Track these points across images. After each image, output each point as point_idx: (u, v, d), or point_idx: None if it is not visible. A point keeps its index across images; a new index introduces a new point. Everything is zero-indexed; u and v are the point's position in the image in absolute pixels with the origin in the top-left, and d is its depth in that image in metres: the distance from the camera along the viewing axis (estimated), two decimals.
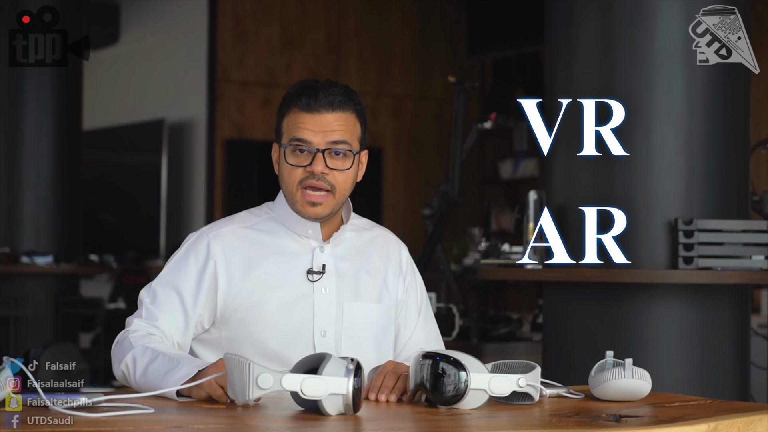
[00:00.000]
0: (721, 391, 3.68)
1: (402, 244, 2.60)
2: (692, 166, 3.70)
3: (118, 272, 7.85)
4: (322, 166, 2.37)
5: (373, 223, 2.60)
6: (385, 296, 2.50)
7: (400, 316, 2.54)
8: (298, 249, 2.45)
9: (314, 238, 2.45)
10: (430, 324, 2.58)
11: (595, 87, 3.77)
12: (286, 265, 2.43)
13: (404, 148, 8.87)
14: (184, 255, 2.44)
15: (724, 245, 3.67)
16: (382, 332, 2.48)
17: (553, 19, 3.94)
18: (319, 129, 2.37)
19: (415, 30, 8.88)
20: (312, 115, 2.38)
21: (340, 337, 2.42)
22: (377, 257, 2.52)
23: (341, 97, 2.39)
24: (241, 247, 2.43)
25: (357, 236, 2.52)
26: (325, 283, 2.43)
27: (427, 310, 2.59)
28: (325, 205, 2.40)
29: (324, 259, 2.45)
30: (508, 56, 8.49)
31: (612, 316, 3.73)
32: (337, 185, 2.39)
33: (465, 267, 6.20)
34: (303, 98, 2.39)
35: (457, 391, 2.02)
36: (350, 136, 2.40)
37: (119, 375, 2.32)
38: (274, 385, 1.93)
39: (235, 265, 2.41)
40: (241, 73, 8.26)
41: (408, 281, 2.56)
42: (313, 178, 2.37)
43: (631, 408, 2.09)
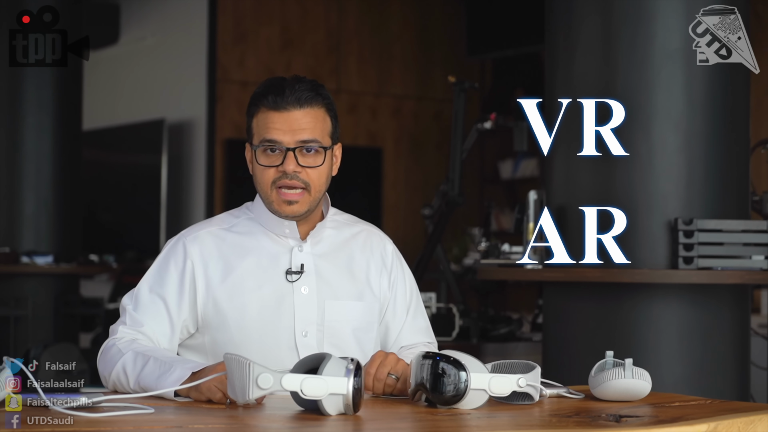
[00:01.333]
0: (721, 391, 3.68)
1: (386, 239, 2.57)
2: (692, 166, 3.69)
3: (118, 272, 7.85)
4: (294, 164, 2.36)
5: (356, 219, 2.57)
6: (367, 293, 2.48)
7: (387, 313, 2.52)
8: (276, 249, 2.43)
9: (292, 237, 2.44)
10: (419, 318, 2.56)
11: (595, 87, 3.77)
12: (264, 266, 2.41)
13: (404, 148, 8.87)
14: (164, 260, 2.43)
15: (724, 245, 3.67)
16: (364, 330, 2.46)
17: (553, 19, 3.94)
18: (288, 127, 2.36)
19: (415, 30, 8.88)
20: (280, 114, 2.36)
21: (322, 337, 2.41)
22: (359, 253, 2.50)
23: (308, 93, 2.36)
24: (219, 249, 2.42)
25: (337, 233, 2.50)
26: (304, 283, 2.42)
27: (417, 305, 2.56)
28: (302, 202, 2.38)
29: (303, 258, 2.43)
30: (508, 56, 8.49)
31: (612, 316, 3.73)
32: (311, 182, 2.38)
33: (465, 267, 6.20)
34: (269, 97, 2.37)
35: (457, 391, 2.02)
36: (320, 132, 2.38)
37: (110, 385, 2.30)
38: (274, 385, 1.93)
39: (213, 268, 2.40)
40: (241, 73, 8.26)
41: (394, 276, 2.53)
42: (286, 177, 2.36)
43: (631, 408, 2.09)
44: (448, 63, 8.81)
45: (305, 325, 2.40)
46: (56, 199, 6.95)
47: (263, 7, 8.32)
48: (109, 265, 7.54)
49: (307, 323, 2.40)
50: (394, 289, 2.53)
